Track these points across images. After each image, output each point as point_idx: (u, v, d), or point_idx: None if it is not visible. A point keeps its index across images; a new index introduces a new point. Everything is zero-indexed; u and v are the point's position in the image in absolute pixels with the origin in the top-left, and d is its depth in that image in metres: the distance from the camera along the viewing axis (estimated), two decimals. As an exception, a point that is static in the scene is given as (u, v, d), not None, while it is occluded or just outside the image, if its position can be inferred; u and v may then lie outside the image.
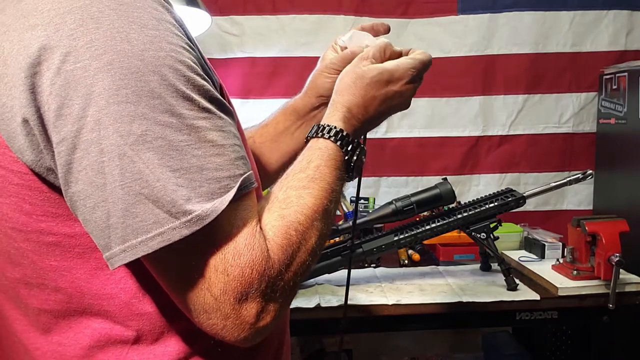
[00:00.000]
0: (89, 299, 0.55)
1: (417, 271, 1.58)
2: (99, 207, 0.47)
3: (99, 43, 0.46)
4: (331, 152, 0.63)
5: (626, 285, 1.36)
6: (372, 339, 2.03)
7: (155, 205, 0.46)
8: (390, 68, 0.70)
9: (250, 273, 0.49)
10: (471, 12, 1.92)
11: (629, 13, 1.93)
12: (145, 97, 0.47)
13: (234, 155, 0.51)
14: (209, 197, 0.48)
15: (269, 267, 0.51)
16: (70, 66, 0.46)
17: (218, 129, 0.50)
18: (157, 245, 0.47)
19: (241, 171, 0.51)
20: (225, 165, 0.50)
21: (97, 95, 0.46)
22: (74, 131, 0.46)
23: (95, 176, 0.47)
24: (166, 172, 0.47)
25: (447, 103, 1.96)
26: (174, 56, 0.49)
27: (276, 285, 0.51)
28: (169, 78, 0.48)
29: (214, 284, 0.49)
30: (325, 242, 0.60)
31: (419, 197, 1.40)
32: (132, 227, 0.47)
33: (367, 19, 1.91)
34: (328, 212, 0.59)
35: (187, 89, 0.49)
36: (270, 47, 1.90)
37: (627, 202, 1.75)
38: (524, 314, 1.37)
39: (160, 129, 0.47)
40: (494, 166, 1.99)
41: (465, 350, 2.06)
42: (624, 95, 1.76)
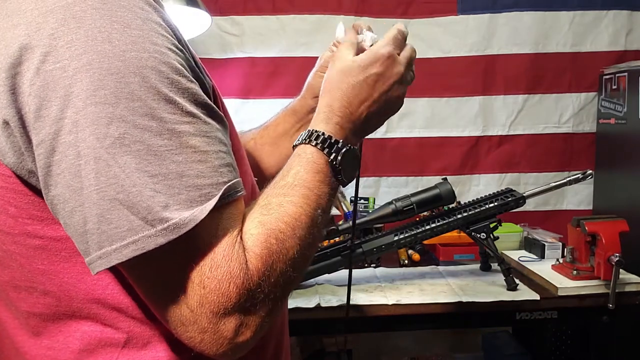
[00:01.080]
0: (78, 303, 0.54)
1: (417, 271, 1.58)
2: (76, 212, 0.46)
3: (79, 43, 0.45)
4: (310, 156, 0.59)
5: (626, 285, 1.37)
6: (372, 339, 2.03)
7: (130, 211, 0.45)
8: (362, 55, 0.66)
9: (227, 286, 0.47)
10: (471, 12, 1.92)
11: (628, 13, 1.93)
12: (124, 99, 0.45)
13: (217, 162, 0.49)
14: (188, 205, 0.46)
15: (248, 280, 0.49)
16: (50, 66, 0.45)
17: (202, 134, 0.49)
18: (131, 254, 0.45)
19: (225, 179, 0.49)
20: (207, 173, 0.48)
21: (75, 97, 0.44)
22: (52, 133, 0.45)
23: (72, 180, 0.45)
24: (143, 177, 0.45)
25: (447, 103, 1.96)
26: (158, 57, 0.47)
27: (255, 298, 0.49)
28: (150, 80, 0.46)
29: (190, 296, 0.47)
30: (312, 251, 0.57)
31: (419, 197, 1.40)
32: (107, 233, 0.45)
33: (367, 19, 1.91)
34: (312, 220, 0.56)
35: (170, 91, 0.47)
36: (270, 47, 1.90)
37: (627, 202, 1.76)
38: (523, 313, 1.37)
39: (139, 133, 0.45)
40: (494, 166, 1.99)
41: (465, 350, 2.06)
42: (624, 95, 1.76)
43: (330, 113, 0.63)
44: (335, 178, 0.60)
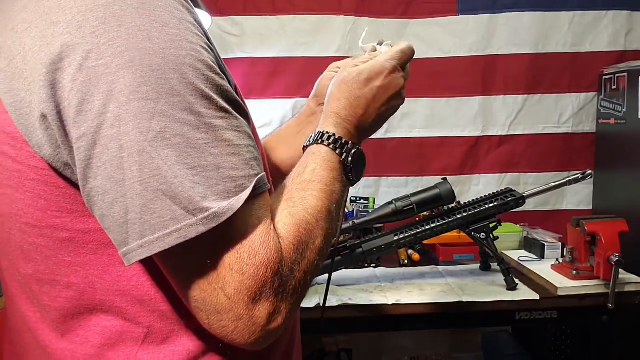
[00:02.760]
0: (101, 295, 0.55)
1: (417, 271, 1.58)
2: (117, 203, 0.47)
3: (120, 41, 0.47)
4: (325, 155, 0.63)
5: (625, 285, 1.37)
6: (372, 339, 2.03)
7: (173, 201, 0.47)
8: (367, 66, 0.71)
9: (265, 272, 0.49)
10: (471, 12, 1.92)
11: (628, 13, 1.93)
12: (165, 94, 0.47)
13: (248, 155, 0.52)
14: (225, 196, 0.48)
15: (282, 266, 0.51)
16: (93, 63, 0.46)
17: (234, 128, 0.51)
18: (174, 242, 0.47)
19: (255, 171, 0.52)
20: (240, 165, 0.50)
21: (118, 92, 0.46)
22: (94, 127, 0.47)
23: (114, 172, 0.47)
24: (184, 169, 0.47)
25: (447, 103, 1.96)
26: (194, 55, 0.49)
27: (288, 284, 0.52)
28: (188, 76, 0.48)
29: (229, 283, 0.49)
30: (330, 243, 0.60)
31: (419, 197, 1.40)
32: (150, 222, 0.47)
33: (367, 19, 1.91)
34: (331, 213, 0.59)
35: (206, 87, 0.49)
36: (270, 47, 1.90)
37: (627, 202, 1.76)
38: (523, 313, 1.37)
39: (179, 127, 0.47)
40: (493, 166, 1.99)
41: (465, 350, 2.06)
42: (624, 96, 1.76)
43: (338, 118, 0.68)
44: (346, 177, 0.64)
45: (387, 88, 0.71)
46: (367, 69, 0.70)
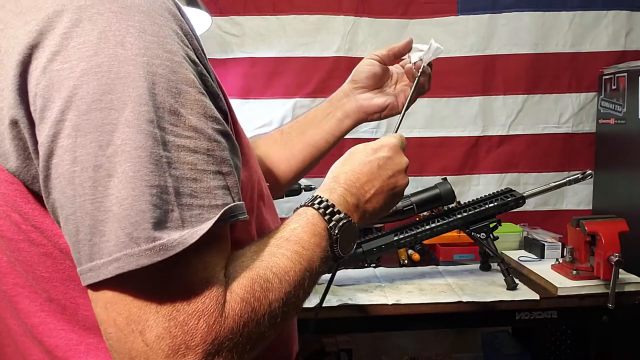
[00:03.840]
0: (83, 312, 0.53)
1: (416, 271, 1.58)
2: (70, 220, 0.44)
3: (90, 45, 0.43)
4: (311, 218, 0.58)
5: (625, 285, 1.37)
6: (372, 339, 2.03)
7: (120, 225, 0.42)
8: (374, 141, 0.72)
9: (196, 323, 0.43)
10: (471, 12, 1.92)
11: (628, 13, 1.94)
12: (131, 103, 0.43)
13: (214, 183, 0.46)
14: (178, 225, 0.44)
15: (221, 321, 0.45)
16: (57, 66, 0.43)
17: (203, 151, 0.46)
18: (114, 271, 0.42)
19: (219, 202, 0.46)
20: (200, 193, 0.45)
21: (80, 99, 0.43)
22: (51, 135, 0.43)
23: (66, 186, 0.43)
24: (141, 186, 0.42)
25: (447, 103, 1.96)
26: (169, 65, 0.45)
27: (222, 345, 0.45)
28: (158, 87, 0.44)
29: (151, 327, 0.43)
30: (292, 313, 0.54)
31: (418, 197, 1.40)
32: (98, 245, 0.43)
33: (367, 19, 1.91)
34: (300, 279, 0.53)
35: (175, 102, 0.45)
36: (270, 47, 1.90)
37: (627, 202, 1.76)
38: (523, 313, 1.37)
39: (143, 139, 0.43)
40: (493, 166, 1.99)
41: (465, 350, 2.06)
42: (624, 96, 1.76)
43: (335, 184, 0.64)
44: (330, 247, 0.58)
45: (392, 160, 0.70)
46: (375, 142, 0.71)
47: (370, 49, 1.92)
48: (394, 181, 0.70)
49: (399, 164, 0.72)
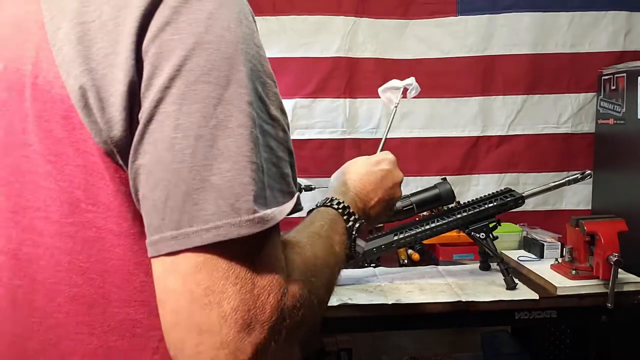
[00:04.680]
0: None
1: (416, 271, 1.58)
2: (160, 186, 0.43)
3: (201, 22, 0.45)
4: (334, 216, 0.64)
5: (625, 284, 1.37)
6: (372, 339, 2.03)
7: (220, 195, 0.43)
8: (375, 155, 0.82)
9: (266, 297, 0.44)
10: (470, 13, 1.93)
11: (627, 14, 1.94)
12: (234, 83, 0.45)
13: (286, 170, 0.49)
14: (267, 203, 0.45)
15: (284, 299, 0.46)
16: (168, 36, 0.44)
17: (279, 140, 0.49)
18: (212, 239, 0.42)
19: (291, 189, 0.49)
20: (278, 178, 0.48)
21: (189, 70, 0.44)
22: (155, 101, 0.44)
23: (164, 151, 0.43)
24: (242, 161, 0.44)
25: (446, 103, 1.96)
26: (258, 57, 0.49)
27: (285, 321, 0.45)
28: (253, 75, 0.47)
29: (229, 298, 0.43)
30: (326, 303, 0.56)
31: (418, 197, 1.40)
32: (191, 214, 0.43)
33: (366, 20, 1.91)
34: (334, 272, 0.58)
35: (263, 90, 0.48)
36: (270, 47, 1.90)
37: (626, 202, 1.76)
38: (523, 313, 1.37)
39: (244, 118, 0.45)
40: (493, 166, 1.99)
41: (464, 350, 2.06)
42: (623, 96, 1.76)
43: (346, 189, 0.71)
44: (347, 246, 0.63)
45: (392, 173, 0.78)
46: (376, 155, 0.79)
47: (370, 49, 1.93)
48: (392, 192, 0.78)
49: (398, 177, 0.79)
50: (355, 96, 1.94)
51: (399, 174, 0.80)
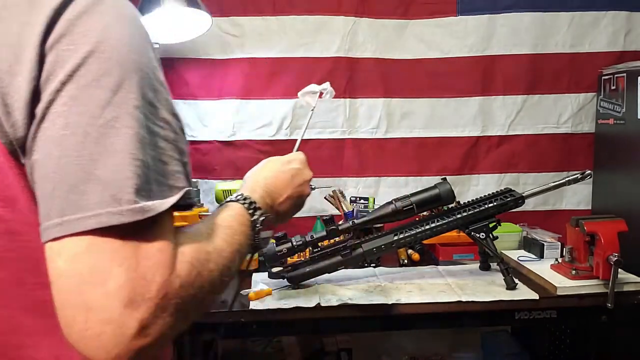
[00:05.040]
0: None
1: (416, 271, 1.58)
2: (48, 178, 0.48)
3: (95, 33, 0.50)
4: (238, 209, 0.69)
5: (625, 284, 1.37)
6: (372, 339, 2.04)
7: (104, 187, 0.48)
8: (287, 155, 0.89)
9: (152, 276, 0.49)
10: (470, 12, 1.93)
11: (627, 14, 1.94)
12: (124, 89, 0.50)
13: (177, 168, 0.55)
14: (150, 196, 0.51)
15: (171, 277, 0.50)
16: (64, 46, 0.49)
17: (170, 140, 0.54)
18: (93, 225, 0.47)
19: (181, 184, 0.55)
20: (167, 174, 0.53)
21: (81, 76, 0.49)
22: (47, 102, 0.48)
23: (53, 147, 0.48)
24: (126, 158, 0.49)
25: (446, 103, 1.97)
26: (150, 67, 0.54)
27: (169, 301, 0.50)
28: (143, 82, 0.52)
29: (114, 277, 0.47)
30: (222, 287, 0.60)
31: (418, 197, 1.41)
32: (74, 202, 0.47)
33: (366, 20, 1.91)
34: (231, 259, 0.61)
35: (154, 96, 0.53)
36: (270, 47, 1.91)
37: (626, 202, 1.76)
38: (523, 313, 1.37)
39: (130, 120, 0.50)
40: (493, 166, 1.99)
41: (464, 350, 2.06)
42: (623, 96, 1.76)
43: (256, 186, 0.77)
44: (252, 238, 0.69)
45: (301, 172, 0.85)
46: (287, 155, 0.87)
47: (370, 49, 1.93)
48: (301, 190, 0.84)
49: (307, 175, 0.87)
50: (355, 96, 1.94)
51: (308, 172, 0.87)
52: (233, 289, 1.47)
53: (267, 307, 1.31)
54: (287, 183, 0.81)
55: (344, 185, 1.95)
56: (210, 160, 1.92)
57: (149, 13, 1.55)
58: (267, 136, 1.93)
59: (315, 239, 1.41)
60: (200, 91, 1.89)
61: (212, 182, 1.88)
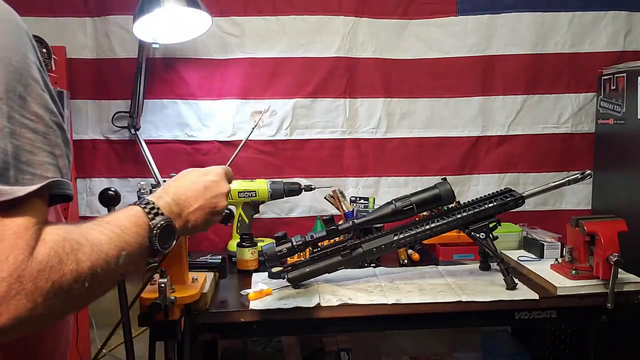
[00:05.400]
0: None
1: (416, 271, 1.58)
2: None
3: None
4: (135, 212, 0.69)
5: (624, 284, 1.37)
6: (372, 339, 2.04)
7: None
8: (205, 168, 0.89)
9: (5, 258, 0.50)
10: (470, 13, 1.93)
11: (627, 14, 1.94)
12: None
13: (47, 159, 0.57)
14: (12, 182, 0.53)
15: (27, 262, 0.51)
16: None
17: (40, 133, 0.57)
18: None
19: (49, 174, 0.56)
20: (34, 164, 0.55)
21: None
22: None
23: None
24: None
25: (446, 103, 1.97)
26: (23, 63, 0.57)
27: (26, 283, 0.51)
28: (12, 76, 0.55)
29: None
30: (104, 282, 0.60)
31: (418, 197, 1.41)
32: None
33: (366, 20, 1.91)
34: (114, 255, 0.61)
35: (24, 90, 0.56)
36: (270, 47, 1.91)
37: (626, 202, 1.76)
38: (523, 313, 1.37)
39: None
40: (493, 166, 1.99)
41: (464, 350, 2.06)
42: (623, 96, 1.76)
43: (164, 194, 0.77)
44: (149, 241, 0.68)
45: (217, 184, 0.86)
46: (205, 168, 0.88)
47: (370, 49, 1.93)
48: (215, 201, 0.84)
49: (223, 188, 0.87)
50: (355, 96, 1.94)
51: (225, 185, 0.88)
52: (235, 289, 1.47)
53: (267, 307, 1.31)
54: (200, 194, 0.82)
55: (344, 185, 1.96)
56: (210, 160, 1.92)
57: (149, 13, 1.55)
58: (267, 136, 1.93)
59: (315, 239, 1.41)
60: (200, 91, 1.89)
61: (212, 182, 1.88)
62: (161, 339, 1.17)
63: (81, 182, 1.91)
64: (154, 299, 1.08)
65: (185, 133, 1.92)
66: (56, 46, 1.73)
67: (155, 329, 1.16)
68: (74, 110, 1.86)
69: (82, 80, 1.87)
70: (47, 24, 1.84)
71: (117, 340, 1.91)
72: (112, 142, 1.92)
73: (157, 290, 1.10)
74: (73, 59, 1.85)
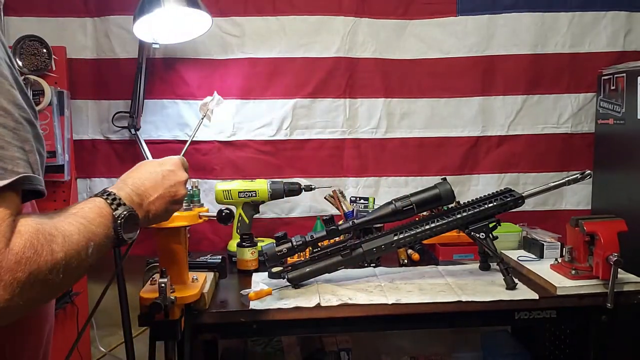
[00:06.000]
0: None
1: (416, 271, 1.58)
2: None
3: None
4: (98, 203, 0.70)
5: (624, 284, 1.37)
6: (372, 339, 2.04)
7: None
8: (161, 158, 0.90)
9: None
10: (470, 13, 1.93)
11: (627, 14, 1.94)
12: None
13: (17, 154, 0.58)
14: None
15: (3, 252, 0.53)
16: None
17: (9, 128, 0.58)
18: None
19: (20, 169, 0.57)
20: (4, 158, 0.56)
21: None
22: None
23: None
24: None
25: (446, 103, 1.97)
26: None
27: (4, 275, 0.53)
28: None
29: None
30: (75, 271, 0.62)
31: (418, 197, 1.41)
32: None
33: (366, 20, 1.92)
34: (83, 245, 0.62)
35: None
36: (270, 47, 1.91)
37: (626, 202, 1.76)
38: (522, 313, 1.37)
39: None
40: (493, 166, 1.99)
41: (464, 350, 2.06)
42: (622, 96, 1.76)
43: (124, 185, 0.78)
44: (115, 230, 0.69)
45: (175, 173, 0.87)
46: (161, 158, 0.89)
47: (370, 49, 1.93)
48: (174, 190, 0.86)
49: (180, 176, 0.88)
50: (355, 96, 1.95)
51: (182, 174, 0.89)
52: (235, 290, 1.47)
53: (267, 307, 1.31)
54: (158, 183, 0.83)
55: (344, 185, 1.96)
56: (210, 160, 1.92)
57: (149, 13, 1.55)
58: (267, 136, 1.93)
59: (315, 239, 1.41)
60: (200, 91, 1.89)
61: (212, 182, 1.88)
62: (161, 339, 1.17)
63: (81, 182, 1.91)
64: (154, 298, 1.08)
65: (185, 133, 1.92)
66: (56, 46, 1.73)
67: (155, 329, 1.16)
68: (74, 110, 1.86)
69: (82, 81, 1.87)
70: (47, 24, 1.84)
71: (117, 340, 1.92)
72: (112, 142, 1.92)
73: (157, 290, 1.10)
74: (73, 59, 1.85)
